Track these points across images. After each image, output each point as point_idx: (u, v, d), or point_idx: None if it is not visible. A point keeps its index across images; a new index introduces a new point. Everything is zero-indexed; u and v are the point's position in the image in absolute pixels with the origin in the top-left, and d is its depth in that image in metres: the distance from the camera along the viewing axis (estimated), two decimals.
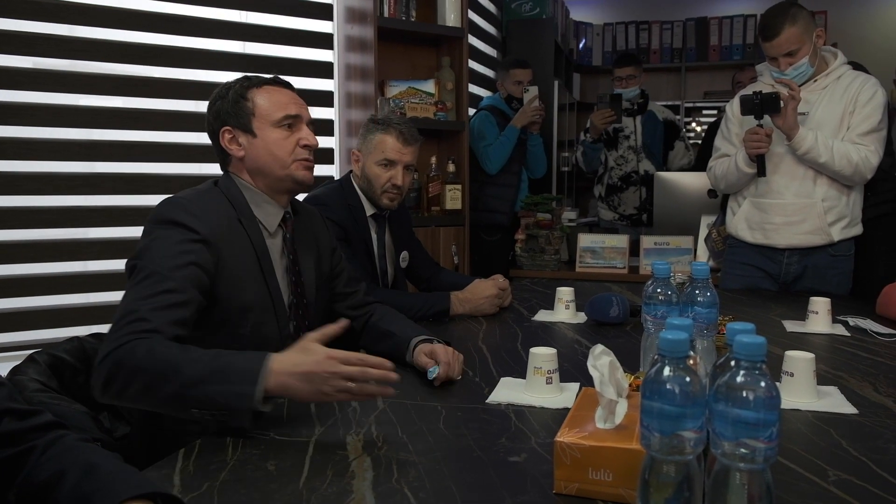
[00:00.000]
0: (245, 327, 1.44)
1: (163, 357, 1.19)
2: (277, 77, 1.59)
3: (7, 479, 0.92)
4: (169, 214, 1.40)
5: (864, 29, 5.37)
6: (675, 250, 3.13)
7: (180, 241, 1.36)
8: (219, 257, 1.40)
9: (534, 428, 1.22)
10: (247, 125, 1.52)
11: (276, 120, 1.52)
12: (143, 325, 1.23)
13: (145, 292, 1.28)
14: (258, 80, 1.55)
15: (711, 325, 1.33)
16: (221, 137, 1.53)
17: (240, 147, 1.53)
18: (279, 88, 1.56)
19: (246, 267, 1.46)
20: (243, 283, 1.45)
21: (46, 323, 2.34)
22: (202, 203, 1.44)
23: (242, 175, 1.55)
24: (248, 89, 1.53)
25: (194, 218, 1.39)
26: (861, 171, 2.36)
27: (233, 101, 1.52)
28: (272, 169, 1.53)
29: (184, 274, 1.33)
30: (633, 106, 3.91)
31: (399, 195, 2.15)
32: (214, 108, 1.54)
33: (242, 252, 1.46)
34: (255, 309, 1.46)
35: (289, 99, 1.56)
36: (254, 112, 1.52)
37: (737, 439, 0.75)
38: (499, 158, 3.59)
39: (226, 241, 1.43)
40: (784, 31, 2.33)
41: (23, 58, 2.32)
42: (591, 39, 5.84)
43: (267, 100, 1.53)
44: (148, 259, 1.33)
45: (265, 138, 1.52)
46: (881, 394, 1.42)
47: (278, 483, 1.01)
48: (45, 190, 2.35)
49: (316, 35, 3.12)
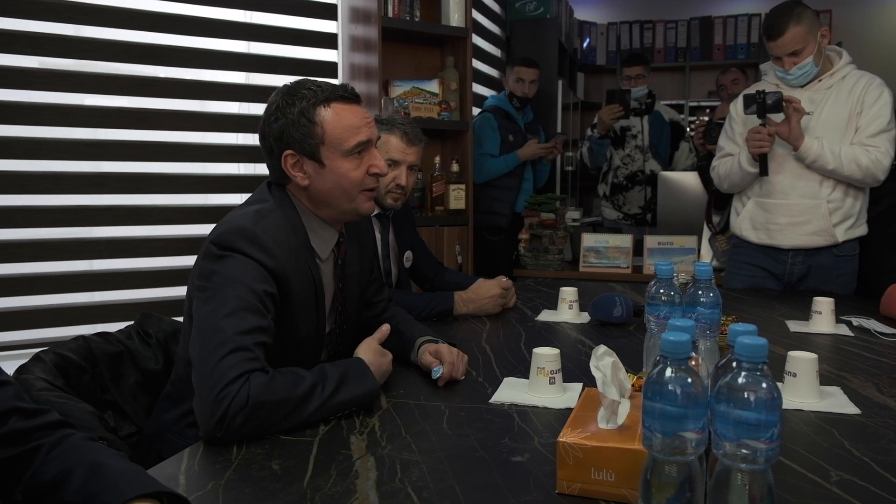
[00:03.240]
0: (289, 358, 1.37)
1: (291, 383, 1.22)
2: (346, 87, 1.42)
3: (14, 477, 0.93)
4: (242, 246, 1.31)
5: (869, 28, 5.35)
6: (678, 250, 3.13)
7: (258, 274, 1.30)
8: (285, 293, 1.35)
9: (537, 428, 1.23)
10: (314, 153, 1.38)
11: (348, 149, 1.39)
12: (248, 356, 1.21)
13: (243, 325, 1.23)
14: (326, 94, 1.38)
15: (714, 325, 1.33)
16: (284, 161, 1.39)
17: (304, 175, 1.39)
18: (349, 106, 1.40)
19: (304, 301, 1.40)
20: (300, 317, 1.40)
21: (53, 322, 2.35)
22: (273, 235, 1.35)
23: (302, 199, 1.44)
24: (316, 107, 1.37)
25: (268, 255, 1.32)
26: (873, 174, 2.36)
27: (298, 122, 1.36)
28: (338, 202, 1.42)
29: (267, 306, 1.30)
30: (640, 105, 3.91)
31: (403, 195, 2.15)
32: (277, 127, 1.38)
33: (303, 286, 1.39)
34: (304, 341, 1.44)
35: (360, 120, 1.41)
36: (323, 140, 1.37)
37: (738, 440, 0.75)
38: (487, 175, 3.64)
39: (292, 274, 1.36)
40: (788, 31, 2.33)
41: (30, 57, 2.34)
42: (596, 39, 5.84)
43: (338, 123, 1.37)
44: (231, 287, 1.27)
45: (335, 169, 1.39)
46: (884, 394, 1.42)
47: (282, 482, 1.02)
48: (51, 189, 2.36)
49: (320, 35, 3.12)
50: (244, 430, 1.17)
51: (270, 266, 1.32)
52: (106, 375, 1.46)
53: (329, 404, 1.24)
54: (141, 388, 1.52)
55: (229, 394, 1.15)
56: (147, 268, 2.56)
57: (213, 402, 1.15)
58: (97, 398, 1.43)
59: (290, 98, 1.38)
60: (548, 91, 4.22)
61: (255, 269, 1.30)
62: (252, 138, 2.74)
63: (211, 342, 1.22)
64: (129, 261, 2.54)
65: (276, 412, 1.19)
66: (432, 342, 1.56)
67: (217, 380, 1.17)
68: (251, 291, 1.28)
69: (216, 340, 1.21)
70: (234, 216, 1.38)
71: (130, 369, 1.52)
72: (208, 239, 1.35)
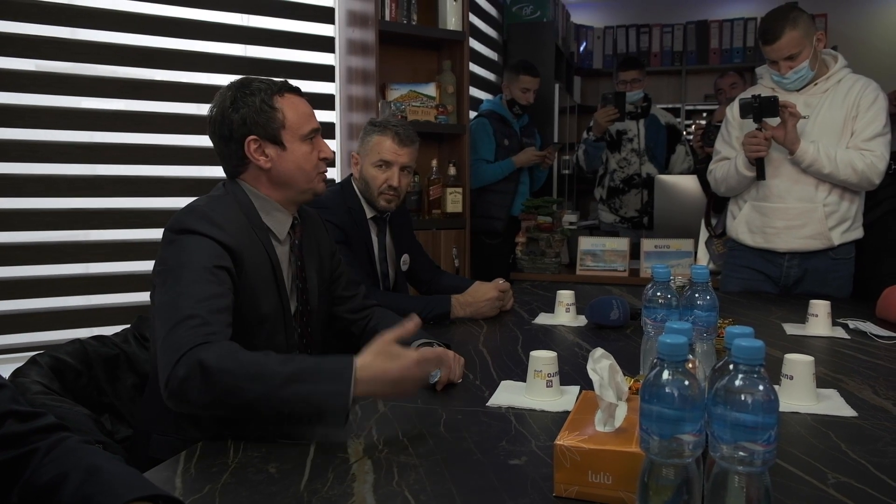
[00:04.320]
0: (258, 338, 1.42)
1: (248, 358, 1.18)
2: (289, 83, 1.54)
3: (9, 480, 0.93)
4: (193, 224, 1.35)
5: (864, 32, 5.38)
6: (675, 253, 3.14)
7: (210, 249, 1.34)
8: (240, 268, 1.39)
9: (534, 431, 1.23)
10: (276, 136, 1.47)
11: (305, 133, 1.50)
12: (207, 329, 1.21)
13: (196, 296, 1.25)
14: (279, 86, 1.50)
15: (711, 328, 1.33)
16: (247, 146, 1.46)
17: (267, 159, 1.47)
18: (300, 98, 1.53)
19: (262, 277, 1.44)
20: (260, 294, 1.43)
21: (48, 325, 2.35)
22: (222, 212, 1.41)
23: (257, 184, 1.50)
24: (273, 97, 1.47)
25: (218, 229, 1.36)
26: (868, 178, 2.37)
27: (261, 109, 1.46)
28: (297, 182, 1.51)
29: (221, 278, 1.32)
30: (636, 109, 3.92)
31: (396, 196, 2.15)
32: (239, 116, 1.46)
33: (258, 262, 1.44)
34: (269, 320, 1.46)
35: (309, 110, 1.53)
36: (284, 124, 1.47)
37: (735, 442, 0.75)
38: (483, 180, 3.65)
39: (245, 251, 1.40)
40: (784, 35, 2.33)
41: (26, 60, 2.34)
42: (592, 43, 5.85)
43: (294, 111, 1.49)
44: (184, 265, 1.30)
45: (294, 151, 1.49)
46: (881, 396, 1.43)
47: (279, 485, 1.02)
48: (47, 192, 2.36)
49: (318, 38, 3.13)
50: (193, 393, 1.16)
51: (222, 240, 1.36)
52: (102, 378, 1.46)
53: (285, 391, 1.14)
54: (137, 392, 1.52)
55: (185, 362, 1.17)
56: (143, 271, 2.55)
57: (171, 372, 1.17)
58: (93, 401, 1.42)
59: (246, 90, 1.47)
60: (544, 95, 4.22)
61: (208, 245, 1.34)
62: None
63: (169, 320, 1.23)
64: (126, 264, 2.54)
65: (222, 379, 1.15)
66: (428, 345, 1.56)
67: (174, 350, 1.19)
68: (203, 268, 1.31)
69: (173, 317, 1.23)
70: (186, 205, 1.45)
71: (127, 372, 1.52)
72: (165, 227, 1.39)
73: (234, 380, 1.15)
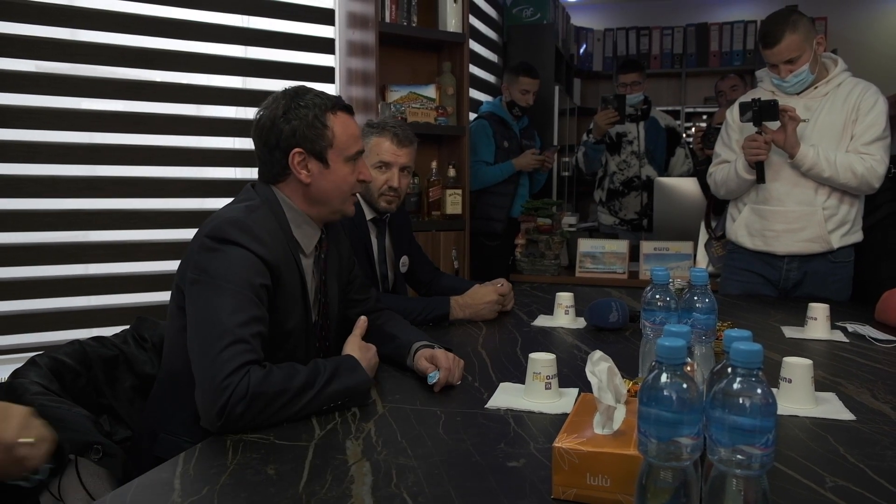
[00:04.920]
0: (282, 350, 1.43)
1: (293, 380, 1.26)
2: (342, 100, 1.53)
3: None
4: (236, 236, 1.35)
5: (864, 35, 5.38)
6: (674, 256, 3.14)
7: (253, 265, 1.35)
8: (276, 284, 1.40)
9: (532, 433, 1.23)
10: (322, 154, 1.47)
11: (350, 155, 1.50)
12: (251, 356, 1.25)
13: (240, 316, 1.28)
14: (333, 102, 1.49)
15: (710, 331, 1.33)
16: (291, 157, 1.45)
17: (308, 174, 1.47)
18: (350, 118, 1.52)
19: (292, 293, 1.45)
20: (289, 309, 1.45)
21: (47, 326, 2.34)
22: (264, 225, 1.41)
23: (293, 196, 1.50)
24: (326, 113, 1.47)
25: (260, 244, 1.37)
26: (868, 182, 2.37)
27: (313, 124, 1.45)
28: (332, 201, 1.51)
29: (262, 298, 1.34)
30: (636, 111, 3.93)
31: (397, 197, 2.15)
32: (290, 126, 1.45)
33: (290, 279, 1.44)
34: (294, 333, 1.47)
35: (358, 131, 1.54)
36: (332, 143, 1.47)
37: (733, 445, 0.75)
38: (482, 183, 3.65)
39: (282, 267, 1.41)
40: (784, 39, 2.34)
41: (25, 61, 2.34)
42: (592, 45, 5.86)
43: (344, 131, 1.48)
44: (227, 279, 1.31)
45: (336, 171, 1.49)
46: (879, 400, 1.43)
47: (278, 487, 1.02)
48: (46, 193, 2.36)
49: (318, 40, 3.13)
50: (244, 419, 1.21)
51: (265, 256, 1.37)
52: (101, 379, 1.46)
53: (324, 393, 1.29)
54: (136, 392, 1.52)
55: (230, 384, 1.20)
56: (143, 272, 2.55)
57: (215, 394, 1.20)
58: (92, 402, 1.42)
59: (300, 101, 1.47)
60: (544, 97, 4.23)
61: (251, 261, 1.35)
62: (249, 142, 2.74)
63: (210, 335, 1.25)
64: (125, 265, 2.54)
65: (273, 402, 1.23)
66: (428, 347, 1.56)
67: (218, 371, 1.21)
68: (247, 283, 1.32)
69: (215, 333, 1.25)
70: (224, 212, 1.43)
71: (126, 373, 1.52)
72: (202, 232, 1.38)
73: (286, 400, 1.25)
